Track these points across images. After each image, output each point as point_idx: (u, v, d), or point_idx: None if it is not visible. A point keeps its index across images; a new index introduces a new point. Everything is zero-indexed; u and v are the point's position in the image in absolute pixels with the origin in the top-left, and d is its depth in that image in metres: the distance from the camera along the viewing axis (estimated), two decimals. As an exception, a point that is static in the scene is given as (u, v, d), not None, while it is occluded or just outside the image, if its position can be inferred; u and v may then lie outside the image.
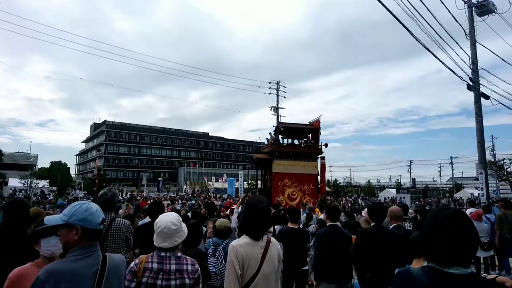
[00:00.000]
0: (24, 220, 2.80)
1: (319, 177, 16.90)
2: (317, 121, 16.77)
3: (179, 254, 2.42)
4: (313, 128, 16.76)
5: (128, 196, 28.57)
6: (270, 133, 16.62)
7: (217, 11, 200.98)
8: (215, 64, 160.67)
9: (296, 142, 16.71)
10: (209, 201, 15.60)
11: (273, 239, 2.53)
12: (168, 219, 2.41)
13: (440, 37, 11.95)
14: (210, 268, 3.77)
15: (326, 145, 16.39)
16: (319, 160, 16.89)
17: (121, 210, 9.78)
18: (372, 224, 3.79)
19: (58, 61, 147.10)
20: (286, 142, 16.54)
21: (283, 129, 16.36)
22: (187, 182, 65.54)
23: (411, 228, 6.98)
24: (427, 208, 14.89)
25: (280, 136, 16.67)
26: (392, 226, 3.95)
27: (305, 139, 16.80)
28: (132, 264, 2.32)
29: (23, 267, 2.05)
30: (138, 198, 24.39)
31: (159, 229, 2.36)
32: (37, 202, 26.70)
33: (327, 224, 4.40)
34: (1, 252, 2.57)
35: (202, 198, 25.19)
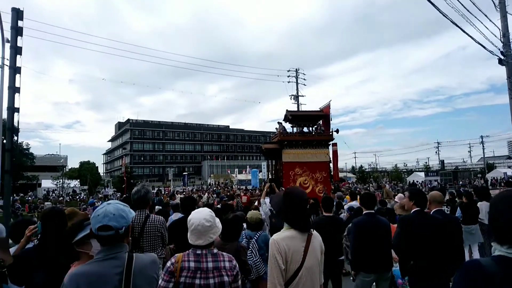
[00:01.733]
0: (63, 230, 2.70)
1: (331, 164, 16.57)
2: (327, 107, 16.34)
3: (215, 250, 2.34)
4: (323, 114, 16.35)
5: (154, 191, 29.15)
6: (278, 122, 16.31)
7: (230, 2, 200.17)
8: (232, 56, 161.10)
9: (305, 129, 16.37)
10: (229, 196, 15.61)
11: (314, 231, 2.43)
12: (201, 216, 2.33)
13: (468, 10, 11.31)
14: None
15: (337, 131, 15.97)
16: (330, 147, 16.53)
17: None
18: (415, 209, 3.59)
19: (80, 63, 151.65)
20: (296, 131, 16.24)
21: (291, 117, 16.03)
22: (211, 175, 66.25)
23: (448, 212, 6.70)
24: (461, 190, 14.38)
25: (289, 125, 16.37)
26: (433, 211, 3.76)
27: (316, 126, 16.43)
28: (168, 264, 2.26)
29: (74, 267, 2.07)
30: (166, 193, 24.80)
31: (193, 226, 2.29)
32: (69, 202, 27.77)
33: (363, 212, 4.24)
34: (40, 266, 2.50)
35: (226, 189, 25.42)
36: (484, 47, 12.13)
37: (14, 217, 13.99)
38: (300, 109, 29.48)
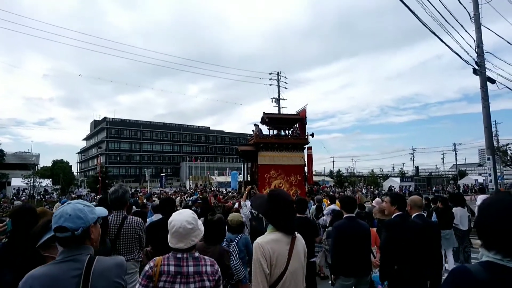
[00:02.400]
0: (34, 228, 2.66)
1: (306, 168, 16.73)
2: (303, 111, 16.52)
3: (196, 254, 2.25)
4: (300, 118, 16.50)
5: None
6: (255, 124, 16.30)
7: (214, 1, 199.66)
8: (214, 57, 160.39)
9: (282, 132, 16.47)
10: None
11: (298, 234, 2.39)
12: (183, 217, 2.23)
13: (446, 20, 11.74)
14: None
15: (312, 135, 16.20)
16: (305, 150, 16.70)
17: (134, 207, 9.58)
18: (397, 214, 3.61)
19: (55, 58, 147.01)
20: (272, 133, 16.29)
21: (268, 119, 16.05)
22: (190, 176, 65.48)
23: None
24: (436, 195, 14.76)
25: (266, 127, 16.41)
26: (414, 215, 3.81)
27: (292, 129, 16.55)
28: (146, 268, 2.16)
29: None
30: (141, 194, 24.31)
31: (174, 228, 2.18)
32: (40, 202, 26.74)
33: (344, 216, 4.25)
34: (9, 264, 2.43)
35: (204, 191, 25.14)
36: (460, 56, 12.58)
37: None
38: (281, 112, 29.62)
